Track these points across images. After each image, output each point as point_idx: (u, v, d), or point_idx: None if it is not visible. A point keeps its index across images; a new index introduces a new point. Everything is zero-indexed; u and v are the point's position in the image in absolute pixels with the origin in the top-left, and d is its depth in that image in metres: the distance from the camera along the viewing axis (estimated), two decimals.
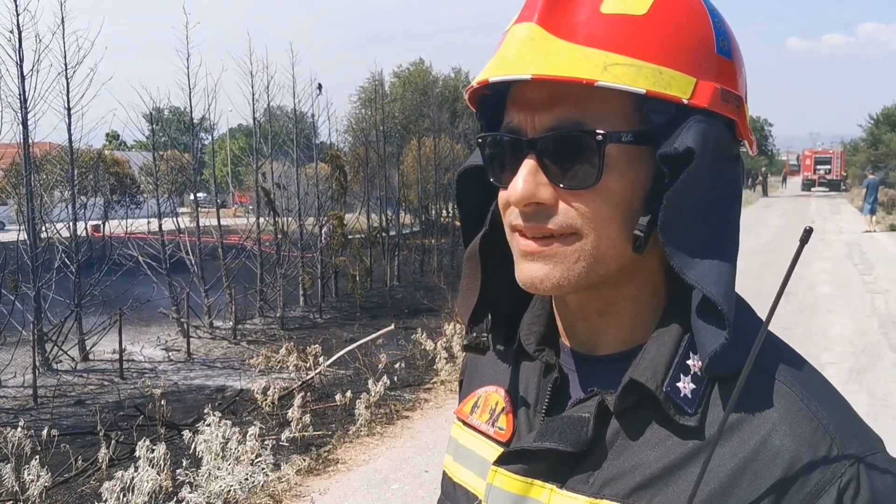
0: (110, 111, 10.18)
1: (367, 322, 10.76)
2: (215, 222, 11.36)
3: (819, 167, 48.21)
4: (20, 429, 5.39)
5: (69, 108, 8.92)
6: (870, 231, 21.35)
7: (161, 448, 4.81)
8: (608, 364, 0.76)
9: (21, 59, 8.26)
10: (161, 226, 10.49)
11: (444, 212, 17.53)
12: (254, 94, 11.54)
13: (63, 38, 8.77)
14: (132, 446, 5.22)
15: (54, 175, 9.86)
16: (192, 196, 11.72)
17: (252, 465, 4.87)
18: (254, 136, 12.21)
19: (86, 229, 9.90)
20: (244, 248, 11.79)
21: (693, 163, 0.66)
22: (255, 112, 11.71)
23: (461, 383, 0.98)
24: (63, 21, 8.75)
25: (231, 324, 10.39)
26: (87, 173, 12.14)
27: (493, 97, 0.77)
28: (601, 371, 0.77)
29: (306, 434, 5.84)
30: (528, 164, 0.70)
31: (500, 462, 0.78)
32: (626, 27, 0.68)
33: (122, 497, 4.29)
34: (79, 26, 14.98)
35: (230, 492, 4.64)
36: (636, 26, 0.68)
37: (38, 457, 4.90)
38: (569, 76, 0.66)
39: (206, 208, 14.14)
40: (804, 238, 0.63)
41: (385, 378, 6.84)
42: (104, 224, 12.75)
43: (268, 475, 4.85)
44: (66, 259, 9.00)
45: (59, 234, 9.21)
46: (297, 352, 8.24)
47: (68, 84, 8.85)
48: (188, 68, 10.53)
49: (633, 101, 0.69)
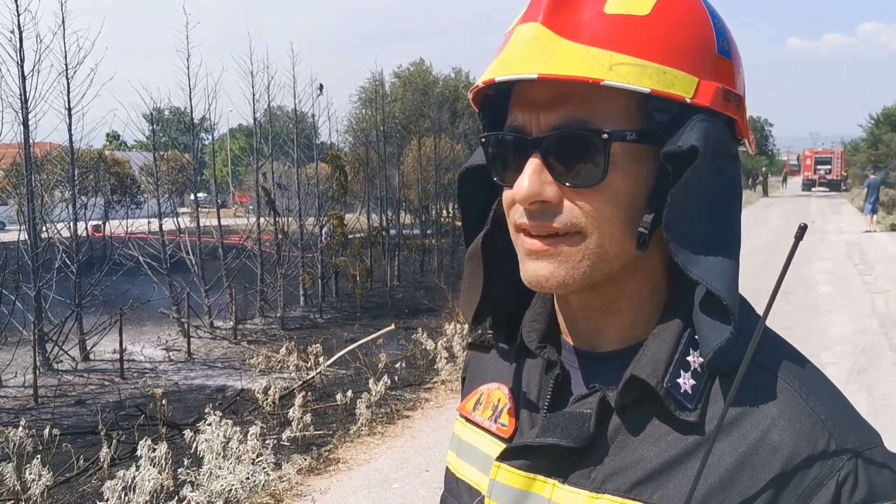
0: (111, 111, 10.21)
1: (368, 322, 10.76)
2: (216, 222, 11.36)
3: (819, 167, 48.18)
4: (21, 428, 5.40)
5: (70, 109, 8.91)
6: (870, 231, 21.33)
7: (162, 447, 4.81)
8: (609, 361, 0.77)
9: (22, 60, 8.26)
10: (161, 226, 10.47)
11: (445, 212, 17.52)
12: (254, 95, 11.55)
13: (64, 38, 8.77)
14: (133, 446, 5.22)
15: (55, 175, 9.85)
16: (192, 196, 11.72)
17: (253, 464, 4.88)
18: (254, 136, 12.21)
19: (86, 229, 9.89)
20: (244, 248, 11.79)
21: (697, 160, 0.67)
22: (255, 112, 11.71)
23: (464, 380, 0.99)
24: (63, 21, 8.75)
25: (231, 324, 10.38)
26: (87, 173, 12.14)
27: (496, 97, 0.77)
28: (603, 368, 0.78)
29: (307, 433, 5.85)
30: (533, 162, 0.70)
31: (503, 458, 0.79)
32: (629, 27, 0.68)
33: (123, 496, 4.30)
34: (79, 26, 14.96)
35: (231, 491, 4.64)
36: (639, 26, 0.69)
37: (39, 456, 4.90)
38: (575, 76, 0.66)
39: (206, 208, 14.14)
40: (799, 234, 0.64)
41: (386, 378, 6.84)
42: (105, 224, 12.76)
43: (269, 474, 4.86)
44: (67, 259, 8.99)
45: (60, 234, 9.20)
46: (298, 352, 8.24)
47: (69, 84, 8.86)
48: (188, 68, 10.54)
49: (637, 101, 0.69)
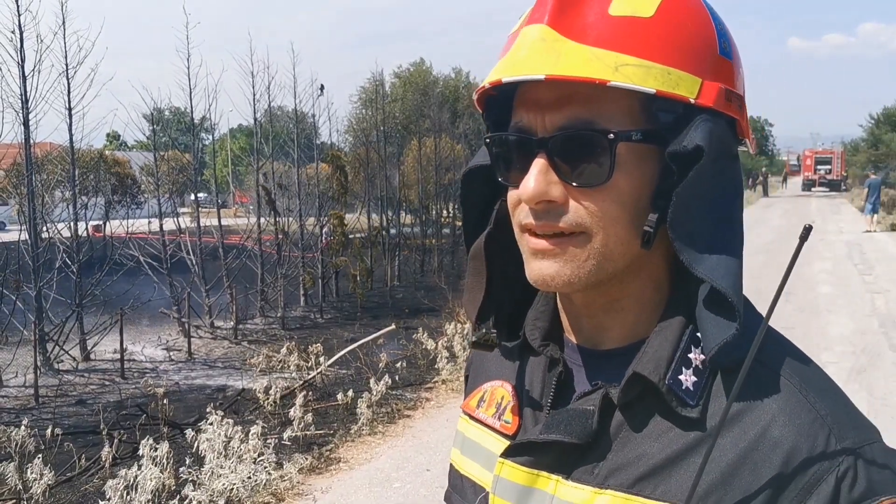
0: (111, 111, 10.27)
1: (368, 322, 10.76)
2: (216, 222, 11.36)
3: (819, 167, 48.11)
4: (24, 427, 5.41)
5: (70, 109, 8.92)
6: (870, 231, 21.33)
7: (164, 447, 4.82)
8: (612, 358, 0.78)
9: (22, 60, 8.27)
10: (162, 226, 10.48)
11: (445, 212, 17.52)
12: (255, 95, 11.56)
13: (64, 38, 8.78)
14: (135, 445, 5.23)
15: (55, 175, 9.86)
16: (192, 196, 11.73)
17: (255, 463, 4.89)
18: (254, 137, 12.21)
19: (87, 229, 9.88)
20: (245, 248, 11.80)
21: (702, 160, 0.68)
22: (255, 112, 11.73)
23: (467, 378, 0.99)
24: (64, 21, 8.77)
25: (232, 324, 10.39)
26: (88, 173, 12.12)
27: (500, 98, 0.78)
28: (605, 365, 0.78)
29: (308, 433, 5.85)
30: (539, 162, 0.71)
31: (506, 454, 0.80)
32: (634, 29, 0.69)
33: (125, 495, 4.31)
34: (80, 27, 14.95)
35: (233, 490, 4.65)
36: (644, 28, 0.69)
37: (41, 455, 4.91)
38: (582, 76, 0.67)
39: (206, 208, 14.16)
40: (804, 235, 0.64)
41: (386, 377, 6.86)
42: (105, 224, 12.75)
43: (270, 474, 4.87)
44: (68, 259, 9.00)
45: (61, 234, 9.21)
46: (299, 351, 8.25)
47: (69, 84, 8.87)
48: (189, 69, 10.55)
49: (641, 101, 0.70)
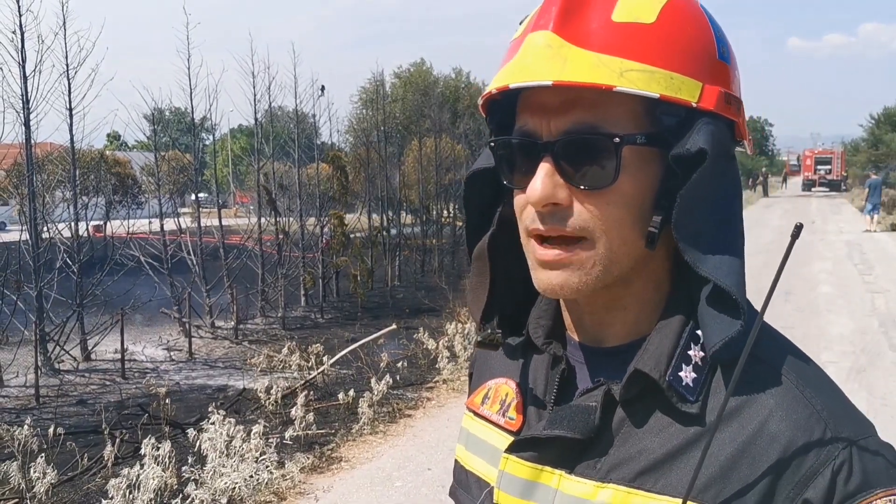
0: (112, 112, 10.21)
1: (369, 322, 10.77)
2: (217, 222, 11.36)
3: (819, 167, 48.08)
4: (26, 427, 5.43)
5: (71, 109, 8.91)
6: (870, 231, 21.35)
7: (166, 446, 4.83)
8: (614, 356, 0.80)
9: (23, 60, 8.26)
10: (163, 226, 10.48)
11: (445, 212, 17.53)
12: (255, 95, 11.56)
13: (65, 38, 8.75)
14: (136, 445, 5.24)
15: (56, 175, 9.85)
16: (193, 196, 11.74)
17: (256, 462, 4.91)
18: (255, 137, 12.22)
19: (87, 229, 9.88)
20: (245, 248, 11.81)
21: (705, 162, 0.70)
22: (256, 112, 11.72)
23: (471, 376, 1.01)
24: (65, 22, 8.75)
25: (233, 324, 10.40)
26: (88, 173, 12.12)
27: (503, 102, 0.80)
28: (607, 362, 0.80)
29: (310, 432, 5.87)
30: (545, 166, 0.73)
31: (511, 450, 0.81)
32: (637, 35, 0.71)
33: (128, 494, 4.33)
34: (80, 27, 14.91)
35: (235, 489, 4.67)
36: (646, 34, 0.71)
37: (43, 455, 4.93)
38: (589, 82, 0.69)
39: (207, 208, 14.15)
40: (795, 234, 0.66)
41: (387, 377, 6.87)
42: (106, 224, 12.76)
43: (272, 473, 4.89)
44: (68, 259, 9.00)
45: (61, 235, 9.21)
46: (300, 351, 8.27)
47: (70, 85, 8.85)
48: (189, 69, 10.53)
49: (644, 105, 0.72)
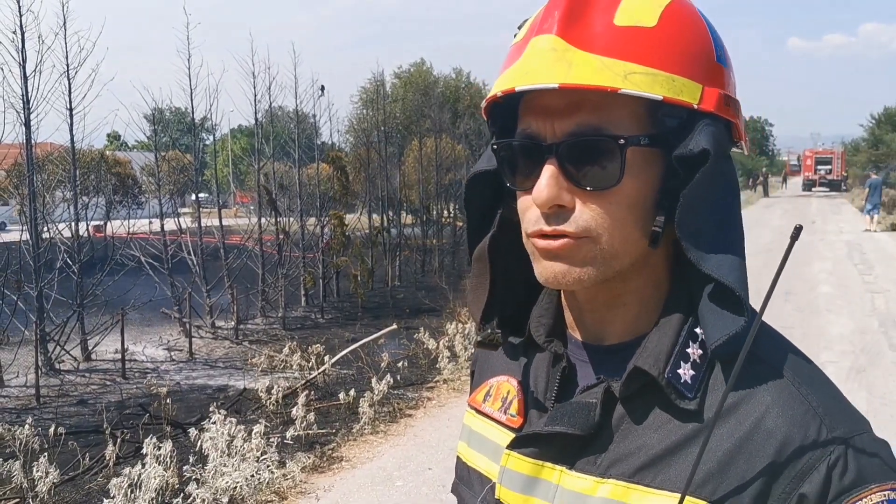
0: (112, 112, 10.15)
1: (369, 322, 10.79)
2: (217, 222, 11.37)
3: (820, 167, 48.11)
4: (28, 426, 5.44)
5: (71, 109, 8.91)
6: (870, 231, 21.36)
7: (167, 445, 4.85)
8: (614, 353, 0.81)
9: (24, 60, 8.26)
10: (163, 226, 10.48)
11: (446, 212, 17.54)
12: (255, 95, 11.57)
13: (65, 38, 8.75)
14: (137, 444, 5.26)
15: (56, 175, 9.85)
16: (193, 196, 11.75)
17: (258, 462, 4.92)
18: (255, 137, 12.24)
19: (88, 229, 9.89)
20: (246, 248, 11.82)
21: (708, 163, 0.71)
22: (256, 112, 11.73)
23: (472, 374, 1.03)
24: (65, 22, 8.76)
25: (233, 324, 10.41)
26: (88, 174, 12.14)
27: (505, 105, 0.81)
28: (607, 360, 0.81)
29: (311, 432, 5.88)
30: (550, 168, 0.74)
31: (512, 446, 0.83)
32: (638, 38, 0.73)
33: (129, 493, 4.34)
34: (81, 27, 14.93)
35: (236, 488, 4.68)
36: (648, 37, 0.73)
37: (45, 454, 4.94)
38: (594, 84, 0.70)
39: (207, 208, 14.16)
40: (794, 235, 0.67)
41: (388, 377, 6.88)
42: (106, 224, 12.78)
43: (273, 472, 4.90)
44: (69, 259, 9.00)
45: (62, 235, 9.21)
46: (300, 351, 8.28)
47: (70, 85, 8.84)
48: (189, 69, 10.53)
49: (647, 107, 0.74)
